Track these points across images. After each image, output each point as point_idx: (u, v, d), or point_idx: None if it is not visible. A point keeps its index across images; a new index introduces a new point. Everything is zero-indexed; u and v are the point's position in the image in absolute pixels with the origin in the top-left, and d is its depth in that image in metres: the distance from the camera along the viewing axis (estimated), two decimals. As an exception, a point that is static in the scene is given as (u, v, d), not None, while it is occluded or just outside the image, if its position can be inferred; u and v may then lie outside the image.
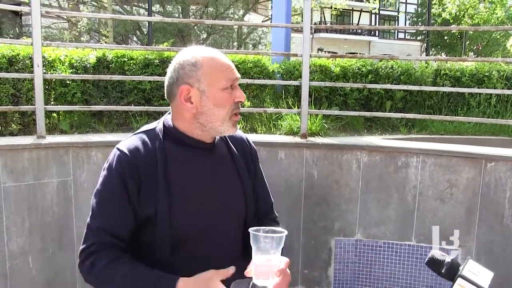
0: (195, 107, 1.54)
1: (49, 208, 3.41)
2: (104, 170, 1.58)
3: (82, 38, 17.76)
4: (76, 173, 3.49)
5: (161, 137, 1.58)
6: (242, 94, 1.58)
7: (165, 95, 1.64)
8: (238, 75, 1.60)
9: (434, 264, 1.31)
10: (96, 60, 4.46)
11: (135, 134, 1.63)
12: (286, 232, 1.43)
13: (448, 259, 1.29)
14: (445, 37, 31.60)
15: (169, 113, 1.65)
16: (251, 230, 1.42)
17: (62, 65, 4.29)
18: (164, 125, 1.62)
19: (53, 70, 4.27)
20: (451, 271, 1.26)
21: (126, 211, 1.53)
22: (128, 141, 1.60)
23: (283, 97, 4.95)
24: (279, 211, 3.66)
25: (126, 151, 1.54)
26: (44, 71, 3.94)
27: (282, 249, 1.44)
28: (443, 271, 1.28)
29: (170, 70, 1.60)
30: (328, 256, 3.83)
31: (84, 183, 3.50)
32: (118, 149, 1.57)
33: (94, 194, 1.57)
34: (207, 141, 1.63)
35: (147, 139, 1.58)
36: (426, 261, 1.34)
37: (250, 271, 1.45)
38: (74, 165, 3.48)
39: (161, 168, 1.53)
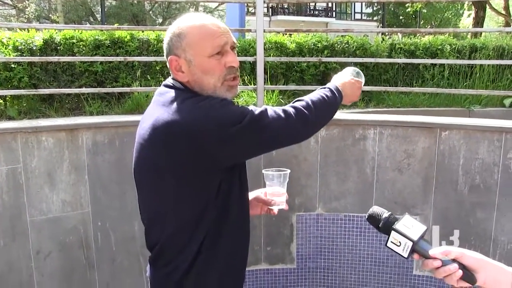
0: (187, 75, 1.56)
1: (-1, 198, 3.27)
2: (209, 111, 1.47)
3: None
4: (26, 160, 3.34)
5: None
6: (234, 59, 1.57)
7: None
8: (230, 40, 1.58)
9: (373, 219, 1.36)
10: (43, 42, 4.27)
11: (183, 100, 1.52)
12: (289, 170, 1.91)
13: (386, 214, 1.34)
14: (400, 17, 32.10)
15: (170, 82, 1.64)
16: (264, 170, 1.89)
17: (6, 48, 4.09)
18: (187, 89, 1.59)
19: (-4, 54, 4.08)
20: (388, 226, 1.31)
21: None
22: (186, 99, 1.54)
23: (239, 74, 4.89)
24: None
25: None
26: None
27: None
28: (380, 225, 1.34)
29: (164, 43, 1.64)
30: (290, 232, 3.83)
31: (36, 170, 3.35)
32: (209, 98, 1.53)
33: (231, 121, 1.47)
34: None
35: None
36: (366, 217, 1.40)
37: (270, 201, 1.90)
38: (24, 152, 3.33)
39: None
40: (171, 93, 1.56)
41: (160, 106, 1.53)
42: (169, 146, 1.46)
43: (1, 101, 4.09)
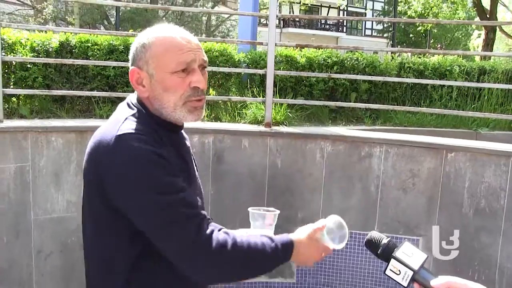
0: (147, 91, 1.41)
1: (5, 195, 3.30)
2: (132, 160, 1.30)
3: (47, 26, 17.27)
4: (35, 159, 3.38)
5: (155, 121, 1.43)
6: (200, 79, 1.40)
7: None
8: (199, 57, 1.42)
9: (372, 245, 1.32)
10: (59, 44, 4.33)
11: (125, 119, 1.38)
12: (278, 211, 1.58)
13: (385, 240, 1.30)
14: (411, 35, 32.21)
15: (134, 97, 1.50)
16: (250, 209, 1.56)
17: (23, 49, 4.15)
18: (143, 107, 1.45)
19: (13, 53, 4.13)
20: (387, 253, 1.28)
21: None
22: (129, 125, 1.36)
23: (249, 86, 4.94)
24: (243, 199, 3.66)
25: (142, 132, 1.34)
26: (4, 54, 3.80)
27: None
28: (379, 252, 1.30)
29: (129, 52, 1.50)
30: (291, 245, 3.83)
31: (43, 169, 3.39)
32: (131, 133, 1.32)
33: (141, 188, 1.29)
34: (178, 124, 1.50)
35: (142, 124, 1.38)
36: (364, 242, 1.35)
37: None
38: (33, 151, 3.38)
39: (174, 153, 1.42)
40: (124, 113, 1.42)
41: (109, 123, 1.41)
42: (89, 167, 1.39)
43: (15, 99, 4.14)
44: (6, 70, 4.09)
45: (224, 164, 3.72)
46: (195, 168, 1.62)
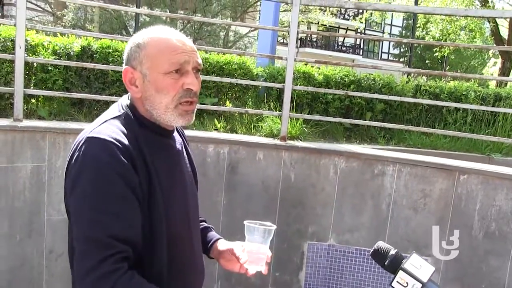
0: (140, 91, 1.40)
1: (21, 193, 3.35)
2: (88, 166, 1.28)
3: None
4: (51, 159, 3.43)
5: (137, 123, 1.41)
6: (194, 81, 1.39)
7: None
8: (193, 60, 1.41)
9: (379, 256, 1.31)
10: (81, 48, 4.41)
11: (104, 121, 1.38)
12: (275, 227, 1.56)
13: (392, 251, 1.29)
14: (427, 61, 32.22)
15: (126, 98, 1.50)
16: (246, 222, 1.55)
17: (45, 51, 4.23)
18: (130, 109, 1.44)
19: (36, 55, 4.21)
20: (394, 264, 1.26)
21: (137, 211, 1.30)
22: (105, 129, 1.34)
23: (265, 100, 4.98)
24: (255, 211, 3.68)
25: (114, 140, 1.30)
26: (26, 55, 3.89)
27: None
28: (386, 263, 1.28)
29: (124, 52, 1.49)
30: (300, 260, 3.83)
31: (59, 170, 3.44)
32: (101, 138, 1.29)
33: (81, 195, 1.27)
34: (167, 127, 1.48)
35: (122, 126, 1.37)
36: (371, 252, 1.33)
37: (242, 258, 1.51)
38: (50, 151, 3.43)
39: (149, 158, 1.37)
40: (108, 115, 1.41)
41: (93, 123, 1.40)
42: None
43: (34, 101, 4.22)
44: (28, 72, 4.16)
45: (238, 174, 3.75)
46: (190, 171, 1.60)
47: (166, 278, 1.39)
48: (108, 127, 1.34)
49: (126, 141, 1.32)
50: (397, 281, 1.23)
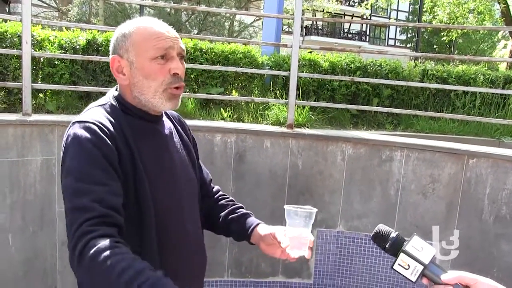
0: (128, 78, 1.47)
1: (32, 186, 3.38)
2: (71, 145, 1.35)
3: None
4: (60, 152, 3.44)
5: (121, 110, 1.48)
6: (178, 66, 1.47)
7: None
8: (177, 46, 1.48)
9: (379, 239, 1.28)
10: (86, 42, 4.43)
11: (89, 109, 1.47)
12: (316, 210, 1.53)
13: (393, 234, 1.27)
14: (434, 46, 31.93)
15: (116, 88, 1.57)
16: (286, 206, 1.51)
17: (51, 46, 4.26)
18: (116, 98, 1.51)
19: (42, 50, 4.24)
20: (395, 246, 1.24)
21: (118, 184, 1.34)
22: (89, 114, 1.42)
23: (271, 89, 4.98)
24: (263, 199, 3.69)
25: (96, 122, 1.37)
26: (33, 50, 3.91)
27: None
28: (387, 246, 1.26)
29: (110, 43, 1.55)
30: (309, 247, 3.84)
31: (69, 163, 3.46)
32: (83, 121, 1.38)
33: (66, 172, 1.33)
34: (154, 113, 1.54)
35: (106, 113, 1.44)
36: (371, 235, 1.31)
37: (284, 242, 1.50)
38: (59, 144, 3.42)
39: (132, 141, 1.43)
40: (96, 103, 1.49)
41: (86, 110, 1.48)
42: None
43: (42, 95, 4.25)
44: (34, 67, 4.19)
45: (245, 163, 3.76)
46: (185, 156, 1.64)
47: (157, 260, 1.41)
48: (92, 112, 1.43)
49: (108, 124, 1.39)
50: (399, 264, 1.21)
